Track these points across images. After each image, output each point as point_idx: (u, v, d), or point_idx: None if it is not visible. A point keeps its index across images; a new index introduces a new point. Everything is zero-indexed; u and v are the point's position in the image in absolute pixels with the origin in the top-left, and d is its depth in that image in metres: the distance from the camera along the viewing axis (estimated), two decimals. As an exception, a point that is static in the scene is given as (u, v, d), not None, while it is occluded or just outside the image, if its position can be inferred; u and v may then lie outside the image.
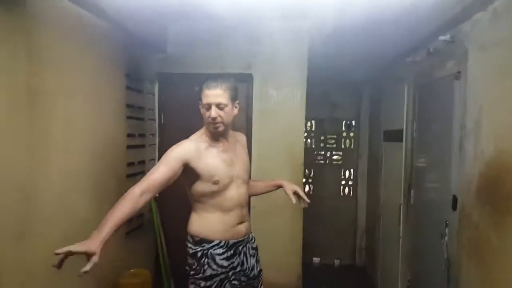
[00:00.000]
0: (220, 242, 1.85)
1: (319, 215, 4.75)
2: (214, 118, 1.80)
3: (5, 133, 1.49)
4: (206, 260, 1.82)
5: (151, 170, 1.74)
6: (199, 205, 1.88)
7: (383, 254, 3.82)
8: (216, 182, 1.82)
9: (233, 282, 1.89)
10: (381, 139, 3.96)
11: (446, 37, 2.35)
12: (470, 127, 2.08)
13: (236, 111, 1.92)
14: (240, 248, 1.92)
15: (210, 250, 1.83)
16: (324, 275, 4.46)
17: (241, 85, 3.13)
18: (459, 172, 2.18)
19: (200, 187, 1.83)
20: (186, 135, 3.09)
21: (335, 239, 4.87)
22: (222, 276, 1.84)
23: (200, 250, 1.83)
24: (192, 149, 1.81)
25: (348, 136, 4.88)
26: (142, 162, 2.94)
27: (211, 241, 1.84)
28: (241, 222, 1.92)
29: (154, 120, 3.17)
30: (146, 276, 2.68)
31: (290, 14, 2.83)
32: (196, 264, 1.83)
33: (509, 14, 1.76)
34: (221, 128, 1.86)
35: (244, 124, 3.15)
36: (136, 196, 1.61)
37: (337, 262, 4.82)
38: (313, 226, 4.63)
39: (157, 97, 3.18)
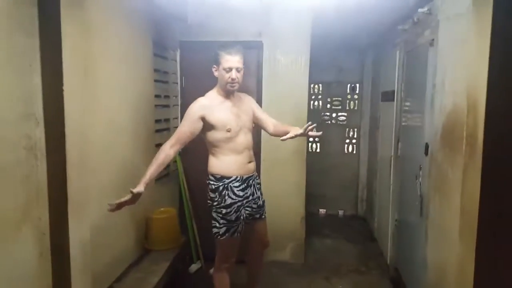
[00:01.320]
0: (236, 177, 2.36)
1: (325, 171, 5.28)
2: (234, 79, 2.28)
3: (71, 89, 1.99)
4: (226, 192, 2.33)
5: (178, 128, 2.28)
6: (216, 150, 2.36)
7: (379, 202, 4.34)
8: (229, 130, 2.30)
9: (247, 208, 2.43)
10: (379, 99, 4.38)
11: (424, 9, 2.73)
12: (438, 86, 2.50)
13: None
14: (250, 181, 2.44)
15: (229, 184, 2.33)
16: (329, 224, 5.03)
17: (252, 51, 3.60)
18: (430, 124, 2.62)
19: (216, 134, 2.32)
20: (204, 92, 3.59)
21: (339, 192, 5.41)
22: (239, 203, 2.37)
23: (222, 185, 2.34)
24: (206, 104, 2.31)
25: (352, 98, 5.30)
26: (167, 120, 3.46)
27: (230, 177, 2.34)
28: (249, 161, 2.43)
29: (177, 83, 3.66)
30: (173, 213, 3.26)
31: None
32: (218, 196, 2.34)
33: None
34: (236, 87, 2.34)
35: (255, 86, 3.62)
36: (167, 149, 2.23)
37: (341, 212, 5.38)
38: (319, 180, 5.18)
39: (178, 62, 3.66)
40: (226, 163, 2.35)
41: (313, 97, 5.30)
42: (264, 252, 2.75)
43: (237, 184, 2.36)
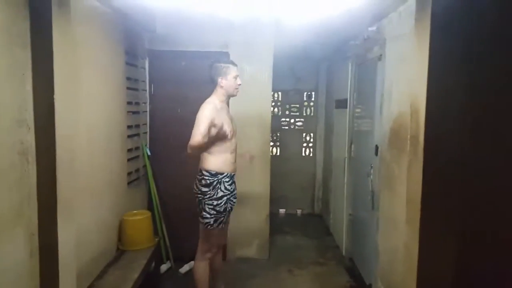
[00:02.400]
0: (228, 174, 2.67)
1: (285, 173, 5.61)
2: (240, 84, 2.75)
3: (61, 97, 2.12)
4: (219, 186, 2.63)
5: (195, 129, 2.52)
6: (215, 148, 2.63)
7: (334, 200, 4.73)
8: (228, 132, 2.61)
9: (231, 201, 2.73)
10: (333, 106, 4.79)
11: (373, 28, 3.14)
12: (386, 96, 2.89)
13: None
14: (234, 178, 2.77)
15: (222, 179, 2.64)
16: (289, 223, 5.35)
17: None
18: (379, 128, 3.01)
19: (218, 135, 2.59)
20: (172, 103, 3.80)
21: (297, 193, 5.76)
22: (228, 196, 2.68)
23: (216, 180, 2.63)
24: (214, 109, 2.61)
25: (308, 105, 5.69)
26: (137, 126, 3.61)
27: (223, 173, 2.65)
28: (234, 161, 2.75)
29: (146, 90, 3.82)
30: (147, 214, 3.41)
31: (259, 8, 3.49)
32: (211, 190, 2.62)
33: (409, 16, 2.54)
34: None
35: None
36: (202, 142, 2.52)
37: (299, 211, 5.73)
38: (279, 182, 5.49)
39: (147, 70, 3.82)
40: (221, 160, 2.65)
41: (273, 104, 5.62)
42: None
43: (227, 179, 2.67)
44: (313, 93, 5.65)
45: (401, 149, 2.59)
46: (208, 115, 2.55)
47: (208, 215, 2.65)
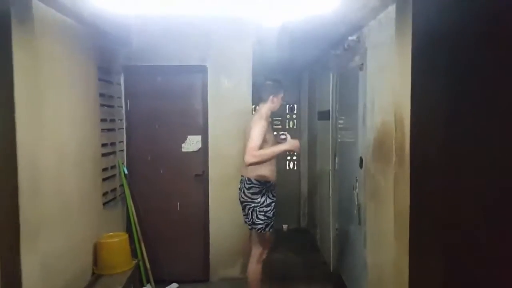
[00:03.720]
0: (272, 182, 3.00)
1: (268, 187, 5.47)
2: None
3: (22, 120, 1.97)
4: (267, 193, 2.96)
5: (251, 142, 2.75)
6: None
7: (320, 214, 4.62)
8: (272, 145, 2.89)
9: (274, 207, 3.02)
10: (316, 118, 4.72)
11: (353, 37, 3.08)
12: (369, 106, 2.82)
13: None
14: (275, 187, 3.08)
15: (270, 187, 2.97)
16: (275, 238, 5.18)
17: (197, 75, 3.74)
18: (363, 139, 2.93)
19: (266, 147, 2.82)
20: (149, 119, 3.66)
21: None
22: (274, 203, 3.00)
23: (264, 188, 2.94)
24: (266, 125, 2.88)
25: (291, 118, 5.62)
26: (113, 144, 3.45)
27: (270, 182, 2.97)
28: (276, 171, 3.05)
29: (122, 107, 3.67)
30: (124, 236, 3.23)
31: (237, 20, 3.42)
32: (260, 197, 2.93)
33: (389, 24, 2.49)
34: None
35: (201, 107, 3.75)
36: (256, 155, 2.75)
37: (285, 227, 5.59)
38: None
39: (123, 86, 3.68)
40: (267, 170, 2.94)
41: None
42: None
43: (273, 187, 3.01)
44: (295, 105, 5.58)
45: (386, 160, 2.50)
46: (262, 131, 2.78)
47: (260, 221, 2.94)
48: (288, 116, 5.62)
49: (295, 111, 5.60)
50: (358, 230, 3.03)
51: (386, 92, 2.52)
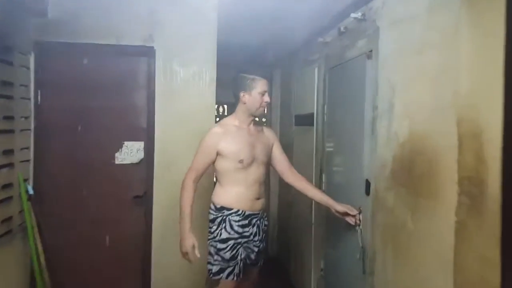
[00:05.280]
0: (238, 210, 2.18)
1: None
2: (268, 101, 2.25)
3: None
4: (223, 224, 2.16)
5: (195, 157, 2.18)
6: (224, 179, 2.21)
7: (296, 242, 3.75)
8: (241, 161, 2.15)
9: (248, 248, 2.22)
10: (292, 124, 3.86)
11: (357, 14, 2.25)
12: (382, 109, 1.99)
13: None
14: (254, 220, 2.23)
15: (228, 217, 2.17)
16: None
17: (141, 60, 2.77)
18: (372, 155, 2.09)
19: (226, 164, 2.17)
20: (69, 118, 2.63)
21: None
22: (235, 240, 2.17)
23: (220, 216, 2.18)
24: (220, 134, 2.18)
25: (260, 122, 4.71)
26: (10, 152, 2.36)
27: (230, 209, 2.18)
28: (258, 198, 2.24)
29: (29, 99, 2.60)
30: None
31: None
32: (215, 228, 2.18)
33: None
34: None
35: (145, 103, 2.76)
36: (192, 186, 2.15)
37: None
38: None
39: (33, 71, 2.61)
40: (230, 193, 2.22)
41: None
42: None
43: (236, 218, 2.19)
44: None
45: (413, 190, 1.68)
46: (208, 146, 2.18)
47: (211, 259, 2.20)
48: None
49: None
50: (360, 282, 2.17)
51: (415, 89, 1.70)
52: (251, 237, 2.22)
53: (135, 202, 2.74)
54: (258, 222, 2.26)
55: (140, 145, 2.74)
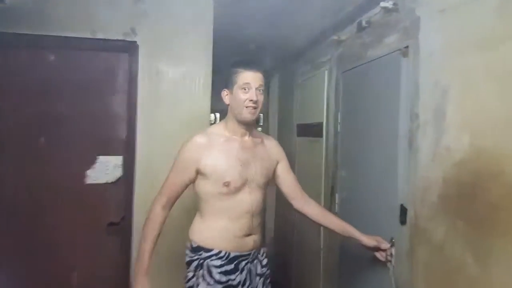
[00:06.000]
0: (219, 252, 1.63)
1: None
2: (253, 100, 1.59)
3: None
4: (201, 271, 1.62)
5: (168, 176, 1.67)
6: (204, 208, 1.66)
7: (298, 266, 3.31)
8: (226, 184, 1.60)
9: None
10: (294, 134, 3.45)
11: (388, 3, 1.85)
12: (426, 117, 1.58)
13: None
14: (243, 263, 1.66)
15: (207, 260, 1.62)
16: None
17: (121, 58, 2.31)
18: (409, 176, 1.68)
19: (207, 187, 1.63)
20: (27, 128, 2.15)
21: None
22: None
23: (197, 259, 1.64)
24: (203, 145, 1.63)
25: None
26: None
27: (210, 250, 1.63)
28: (249, 234, 1.66)
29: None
30: None
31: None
32: (190, 275, 1.65)
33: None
34: (255, 116, 1.68)
35: (125, 109, 2.30)
36: (160, 215, 1.63)
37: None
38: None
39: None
40: (210, 228, 1.66)
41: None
42: None
43: (217, 262, 1.62)
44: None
45: (479, 225, 1.28)
46: (185, 158, 1.65)
47: None
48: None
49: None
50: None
51: (482, 92, 1.30)
52: (240, 287, 1.64)
53: (110, 230, 2.24)
54: (250, 266, 1.68)
55: (117, 160, 2.26)
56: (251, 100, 1.58)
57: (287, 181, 1.87)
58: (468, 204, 1.35)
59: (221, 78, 1.94)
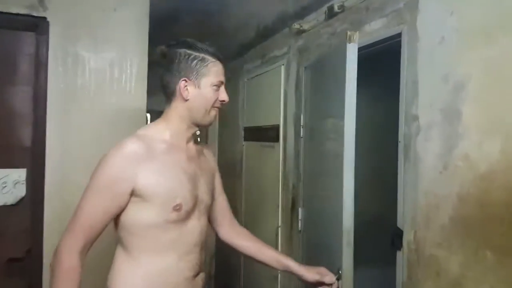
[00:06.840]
0: None
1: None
2: (224, 102, 1.25)
3: None
4: None
5: (80, 203, 1.10)
6: (137, 243, 1.15)
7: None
8: (177, 208, 1.14)
9: None
10: (240, 138, 3.05)
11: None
12: (430, 119, 1.30)
13: None
14: None
15: None
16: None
17: (25, 37, 1.74)
18: (405, 190, 1.38)
19: (147, 214, 1.12)
20: None
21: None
22: None
23: None
24: (138, 155, 1.12)
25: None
26: None
27: None
28: (197, 273, 1.23)
29: None
30: None
31: None
32: None
33: None
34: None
35: (29, 108, 1.72)
36: (75, 263, 1.07)
37: None
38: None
39: None
40: (149, 273, 1.14)
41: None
42: None
43: None
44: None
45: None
46: (110, 173, 1.10)
47: None
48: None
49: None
50: None
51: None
52: None
53: (11, 269, 1.64)
54: None
55: (19, 175, 1.67)
56: (222, 101, 1.23)
57: (217, 203, 1.40)
58: (498, 228, 1.08)
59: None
